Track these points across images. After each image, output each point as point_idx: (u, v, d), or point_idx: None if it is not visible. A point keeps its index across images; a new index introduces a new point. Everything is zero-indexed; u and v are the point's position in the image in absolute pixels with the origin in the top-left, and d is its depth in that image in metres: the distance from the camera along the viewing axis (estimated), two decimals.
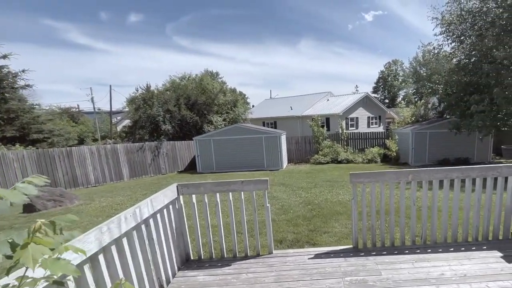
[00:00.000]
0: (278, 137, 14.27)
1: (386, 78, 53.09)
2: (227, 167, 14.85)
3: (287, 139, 16.59)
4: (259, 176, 12.39)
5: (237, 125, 15.24)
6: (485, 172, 2.93)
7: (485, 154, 13.46)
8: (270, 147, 14.36)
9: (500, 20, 9.94)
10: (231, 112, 20.50)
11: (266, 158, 14.51)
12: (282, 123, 24.06)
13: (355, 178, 3.00)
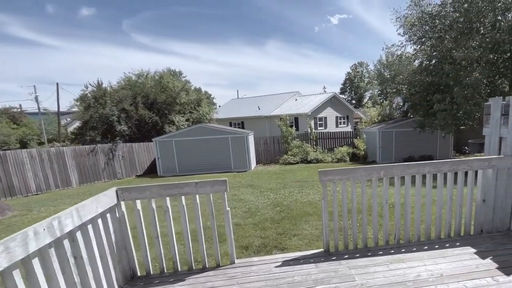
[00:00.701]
0: (245, 137, 13.99)
1: (353, 80, 55.87)
2: (191, 170, 14.20)
3: (255, 140, 16.39)
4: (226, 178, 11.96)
5: (201, 125, 14.67)
6: (457, 166, 2.89)
7: (446, 151, 14.50)
8: (237, 147, 14.02)
9: (458, 23, 10.76)
10: (195, 112, 19.85)
11: (233, 159, 14.13)
12: (249, 123, 23.88)
13: (325, 176, 2.78)
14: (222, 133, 14.20)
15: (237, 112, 26.01)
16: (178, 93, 18.99)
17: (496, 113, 3.30)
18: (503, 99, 3.24)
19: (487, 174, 3.00)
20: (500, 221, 3.10)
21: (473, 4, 10.09)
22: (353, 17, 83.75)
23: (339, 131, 17.79)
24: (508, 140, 3.17)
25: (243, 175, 12.73)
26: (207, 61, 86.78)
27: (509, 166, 2.98)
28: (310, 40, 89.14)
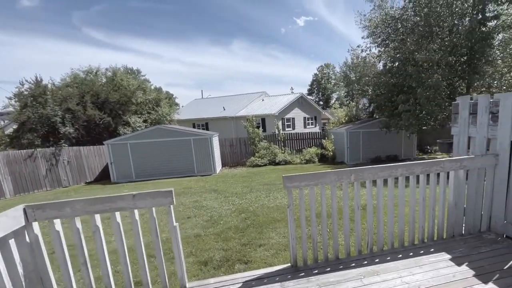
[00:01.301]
0: (209, 139, 13.47)
1: (320, 81, 57.82)
2: (150, 175, 13.33)
3: (221, 141, 15.93)
4: (189, 183, 11.37)
5: (159, 126, 13.83)
6: (429, 167, 2.79)
7: (410, 151, 15.34)
8: (201, 150, 13.45)
9: (419, 27, 11.39)
10: (153, 113, 18.82)
11: (196, 163, 13.53)
12: (214, 124, 23.27)
13: (290, 181, 2.49)
14: (184, 134, 13.51)
15: (201, 112, 25.20)
16: (133, 92, 17.83)
17: (464, 112, 3.29)
18: (471, 98, 3.25)
19: (458, 175, 2.94)
20: (472, 223, 3.07)
21: (432, 9, 10.74)
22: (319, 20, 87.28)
23: (307, 132, 18.00)
24: (476, 139, 3.18)
25: (207, 179, 12.20)
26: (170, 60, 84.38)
27: (479, 167, 2.95)
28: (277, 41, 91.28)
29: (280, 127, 17.76)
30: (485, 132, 3.05)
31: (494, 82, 9.97)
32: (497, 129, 2.93)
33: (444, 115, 10.45)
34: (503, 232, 2.98)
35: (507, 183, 2.90)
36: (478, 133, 3.14)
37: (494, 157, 2.95)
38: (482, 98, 3.06)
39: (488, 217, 3.10)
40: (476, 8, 10.09)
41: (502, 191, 2.94)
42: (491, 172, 3.01)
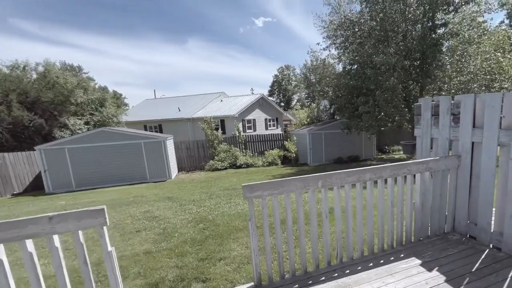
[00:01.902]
0: (163, 142, 12.74)
1: (280, 82, 59.12)
2: (94, 183, 12.19)
3: (176, 145, 15.23)
4: (140, 190, 10.59)
5: (104, 129, 12.69)
6: (397, 170, 2.78)
7: (370, 151, 16.22)
8: (153, 154, 12.65)
9: (375, 31, 12.09)
10: (96, 114, 17.35)
11: (148, 168, 12.69)
12: (169, 126, 22.16)
13: (251, 191, 2.27)
14: (133, 138, 12.56)
15: (154, 113, 23.81)
16: (71, 90, 16.20)
17: (427, 113, 3.39)
18: (432, 99, 3.36)
19: (424, 178, 2.99)
20: (437, 225, 3.15)
21: (387, 14, 11.46)
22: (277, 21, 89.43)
23: (269, 134, 18.08)
24: (439, 141, 3.28)
25: (161, 185, 11.49)
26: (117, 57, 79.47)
27: (443, 168, 3.03)
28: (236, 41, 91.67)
29: (240, 128, 17.55)
30: (447, 134, 3.16)
31: (444, 85, 10.96)
32: (458, 130, 3.04)
33: (401, 116, 11.21)
34: (467, 232, 3.10)
35: (469, 184, 3.02)
36: (440, 135, 3.25)
37: (456, 159, 3.06)
38: (444, 99, 3.17)
39: (452, 218, 3.21)
40: (426, 16, 11.00)
41: (465, 191, 3.05)
42: (454, 173, 3.11)
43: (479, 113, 2.85)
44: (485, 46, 10.86)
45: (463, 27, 11.02)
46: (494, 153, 2.74)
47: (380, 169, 2.71)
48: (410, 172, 2.87)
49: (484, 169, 2.83)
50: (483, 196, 2.88)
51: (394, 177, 2.81)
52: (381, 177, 2.74)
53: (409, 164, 2.85)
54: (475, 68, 10.60)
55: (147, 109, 25.81)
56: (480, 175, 2.88)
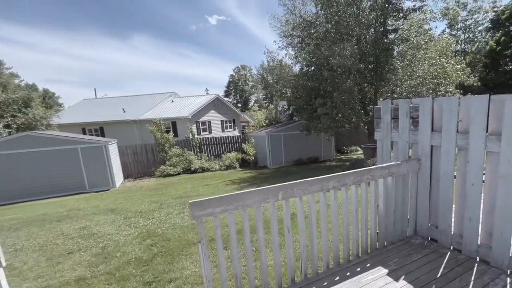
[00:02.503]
0: (104, 147, 11.72)
1: (237, 83, 59.20)
2: (20, 196, 10.83)
3: (121, 149, 14.21)
4: (76, 203, 9.58)
5: (28, 133, 11.23)
6: (360, 177, 2.76)
7: (330, 152, 16.83)
8: (93, 161, 11.58)
9: (331, 33, 12.58)
10: (20, 116, 15.46)
11: (87, 177, 11.58)
12: (112, 129, 20.55)
13: (200, 209, 1.97)
14: (67, 142, 11.31)
15: (94, 115, 21.76)
16: None
17: (386, 116, 3.46)
18: (392, 102, 3.44)
19: (387, 183, 3.02)
20: (400, 229, 3.21)
21: (342, 18, 12.01)
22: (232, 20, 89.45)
23: (226, 136, 17.79)
24: (399, 144, 3.36)
25: (103, 196, 10.53)
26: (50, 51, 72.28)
27: (404, 172, 3.09)
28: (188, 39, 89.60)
29: (194, 131, 16.99)
30: (407, 137, 3.24)
31: (396, 88, 11.79)
32: (418, 134, 3.13)
33: (357, 118, 11.80)
34: (428, 235, 3.21)
35: (429, 187, 3.12)
36: (400, 138, 3.33)
37: (417, 162, 3.15)
38: (403, 103, 3.25)
39: (414, 221, 3.30)
40: (378, 21, 11.75)
41: (425, 195, 3.15)
42: (414, 177, 3.21)
43: (437, 116, 2.96)
44: (431, 52, 11.95)
45: (411, 33, 12.00)
46: (452, 156, 2.85)
47: (344, 176, 2.65)
48: (373, 178, 2.87)
49: (443, 172, 2.94)
50: (443, 199, 2.99)
51: (358, 183, 2.78)
52: (345, 184, 2.68)
53: (373, 170, 2.84)
54: (423, 73, 11.58)
55: (86, 110, 23.55)
56: (440, 178, 2.99)
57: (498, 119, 2.45)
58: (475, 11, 25.76)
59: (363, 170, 2.78)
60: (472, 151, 2.64)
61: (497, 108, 2.44)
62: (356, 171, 2.73)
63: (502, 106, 2.39)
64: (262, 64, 39.84)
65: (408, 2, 12.06)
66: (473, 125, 2.60)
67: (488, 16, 25.58)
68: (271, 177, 12.02)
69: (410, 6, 11.72)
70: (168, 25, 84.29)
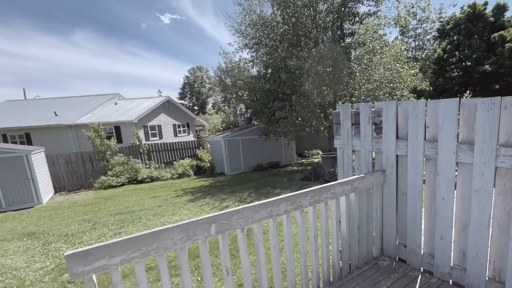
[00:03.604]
0: (25, 156, 10.21)
1: (193, 84, 57.77)
2: None
3: (51, 159, 12.65)
4: None
5: None
6: (318, 196, 2.37)
7: (291, 156, 16.66)
8: (10, 173, 10.03)
9: (288, 35, 12.51)
10: None
11: (3, 193, 10.00)
12: (41, 136, 18.18)
13: (84, 262, 1.35)
14: None
15: (18, 119, 19.26)
16: None
17: (347, 122, 3.16)
18: (352, 106, 3.15)
19: (350, 199, 2.68)
20: (365, 250, 2.89)
21: (299, 19, 11.99)
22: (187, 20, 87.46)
23: (179, 141, 16.84)
24: (361, 153, 3.06)
25: (23, 215, 9.11)
26: None
27: (368, 186, 2.78)
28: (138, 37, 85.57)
29: (141, 136, 15.81)
30: (370, 146, 2.95)
31: (355, 92, 12.01)
32: (381, 142, 2.85)
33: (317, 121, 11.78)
34: (396, 255, 2.93)
35: (396, 201, 2.85)
36: (362, 147, 3.03)
37: (381, 174, 2.86)
38: (364, 107, 2.96)
39: (380, 240, 3.02)
40: (335, 24, 11.93)
41: (392, 210, 2.87)
42: (379, 190, 2.92)
43: (402, 122, 2.69)
44: (386, 57, 12.39)
45: (367, 37, 12.36)
46: (420, 167, 2.60)
47: (298, 197, 2.23)
48: (334, 196, 2.50)
49: (411, 185, 2.68)
50: (411, 215, 2.73)
51: (316, 203, 2.39)
52: (300, 206, 2.26)
53: (333, 186, 2.47)
54: (380, 77, 11.95)
55: (9, 113, 20.79)
56: (407, 192, 2.73)
57: (469, 125, 2.21)
58: (424, 20, 27.89)
59: (321, 188, 2.39)
60: (441, 162, 2.39)
61: (467, 114, 2.21)
62: (313, 190, 2.33)
63: (474, 111, 2.16)
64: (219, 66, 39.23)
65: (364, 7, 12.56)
66: (442, 132, 2.35)
67: (435, 25, 27.89)
68: (228, 184, 11.48)
69: (366, 11, 12.08)
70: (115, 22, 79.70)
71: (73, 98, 23.83)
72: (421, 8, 26.84)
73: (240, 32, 14.34)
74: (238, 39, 14.56)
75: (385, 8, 25.13)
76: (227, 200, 8.56)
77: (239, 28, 14.42)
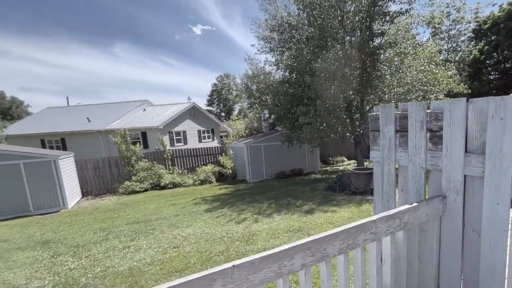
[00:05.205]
0: (53, 162, 10.08)
1: (220, 91, 58.01)
2: None
3: (79, 163, 12.61)
4: (9, 231, 7.95)
5: None
6: (353, 239, 1.55)
7: (314, 164, 15.63)
8: (39, 178, 9.94)
9: (314, 37, 11.65)
10: None
11: (32, 197, 9.93)
12: (75, 141, 18.58)
13: None
14: (7, 157, 9.56)
15: (56, 125, 19.87)
16: None
17: (388, 128, 2.29)
18: (396, 107, 2.29)
19: (397, 239, 1.83)
20: None
21: (325, 20, 11.12)
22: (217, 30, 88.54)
23: (203, 147, 16.40)
24: (409, 171, 2.17)
25: (47, 220, 8.91)
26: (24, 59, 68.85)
27: (423, 220, 1.90)
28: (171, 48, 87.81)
29: (165, 142, 15.55)
30: (422, 161, 2.07)
31: (385, 95, 10.89)
32: (441, 156, 1.96)
33: (343, 127, 10.78)
34: None
35: (462, 241, 1.95)
36: (411, 161, 2.15)
37: (440, 202, 1.97)
38: (415, 107, 2.08)
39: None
40: (364, 24, 10.92)
41: (455, 253, 1.96)
42: (436, 225, 2.02)
43: (475, 129, 1.80)
44: (420, 58, 11.16)
45: (398, 37, 11.21)
46: (506, 194, 1.69)
47: (322, 242, 1.43)
48: (376, 237, 1.66)
49: (488, 219, 1.77)
50: (487, 263, 1.81)
51: (349, 249, 1.56)
52: (325, 256, 1.45)
53: (374, 224, 1.63)
54: (412, 79, 10.75)
55: (48, 119, 21.38)
56: (482, 229, 1.82)
57: None
58: (458, 21, 25.81)
59: (356, 227, 1.56)
60: None
61: None
62: (345, 230, 1.51)
63: None
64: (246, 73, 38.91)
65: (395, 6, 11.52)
66: None
67: (470, 26, 25.66)
68: (249, 193, 10.74)
69: (397, 10, 10.97)
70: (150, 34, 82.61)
71: (105, 104, 24.32)
72: (455, 8, 24.86)
73: (265, 37, 13.73)
74: (263, 43, 13.98)
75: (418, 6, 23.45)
76: (245, 212, 7.79)
77: (264, 33, 13.84)
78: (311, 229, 5.88)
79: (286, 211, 7.59)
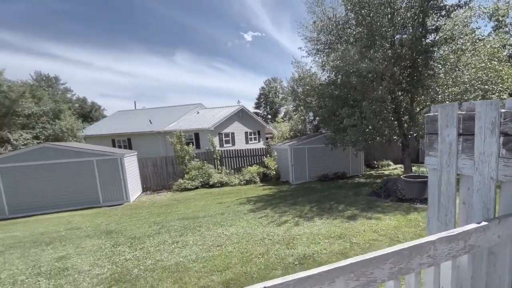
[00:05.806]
0: (119, 159, 10.92)
1: (267, 95, 58.26)
2: (33, 208, 10.36)
3: (141, 161, 13.48)
4: (81, 219, 8.77)
5: (45, 144, 10.74)
6: (406, 262, 1.24)
7: (358, 167, 14.73)
8: (108, 174, 10.84)
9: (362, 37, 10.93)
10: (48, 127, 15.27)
11: (102, 190, 10.84)
12: (139, 140, 20.14)
13: None
14: (83, 155, 10.68)
15: (124, 126, 21.67)
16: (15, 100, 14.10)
17: (450, 131, 1.88)
18: (460, 106, 1.89)
19: (461, 264, 1.46)
20: None
21: (374, 18, 10.35)
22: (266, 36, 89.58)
23: (249, 148, 16.49)
24: (474, 181, 1.77)
25: (111, 212, 9.65)
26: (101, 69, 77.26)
27: (493, 242, 1.50)
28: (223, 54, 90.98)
29: (215, 143, 15.92)
30: (493, 170, 1.65)
31: (438, 96, 9.75)
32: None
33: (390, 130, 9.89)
34: None
35: None
36: (477, 170, 1.74)
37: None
38: (485, 106, 1.67)
39: None
40: (416, 21, 9.92)
41: None
42: (508, 248, 1.60)
43: None
44: (479, 54, 9.78)
45: (455, 33, 9.96)
46: None
47: (369, 265, 1.15)
48: (434, 261, 1.32)
49: None
50: None
51: (401, 275, 1.26)
52: (372, 282, 1.17)
53: (432, 244, 1.30)
54: (470, 78, 9.47)
55: (117, 121, 23.51)
56: None
57: None
58: None
59: (410, 248, 1.25)
60: None
61: None
62: (398, 251, 1.21)
63: None
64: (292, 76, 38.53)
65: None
66: None
67: None
68: (291, 195, 10.44)
69: (455, 3, 9.74)
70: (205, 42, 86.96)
71: (165, 108, 25.95)
72: None
73: (312, 39, 13.27)
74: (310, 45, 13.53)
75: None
76: (287, 214, 7.53)
77: (311, 35, 13.38)
78: (353, 236, 5.42)
79: (327, 215, 7.15)
